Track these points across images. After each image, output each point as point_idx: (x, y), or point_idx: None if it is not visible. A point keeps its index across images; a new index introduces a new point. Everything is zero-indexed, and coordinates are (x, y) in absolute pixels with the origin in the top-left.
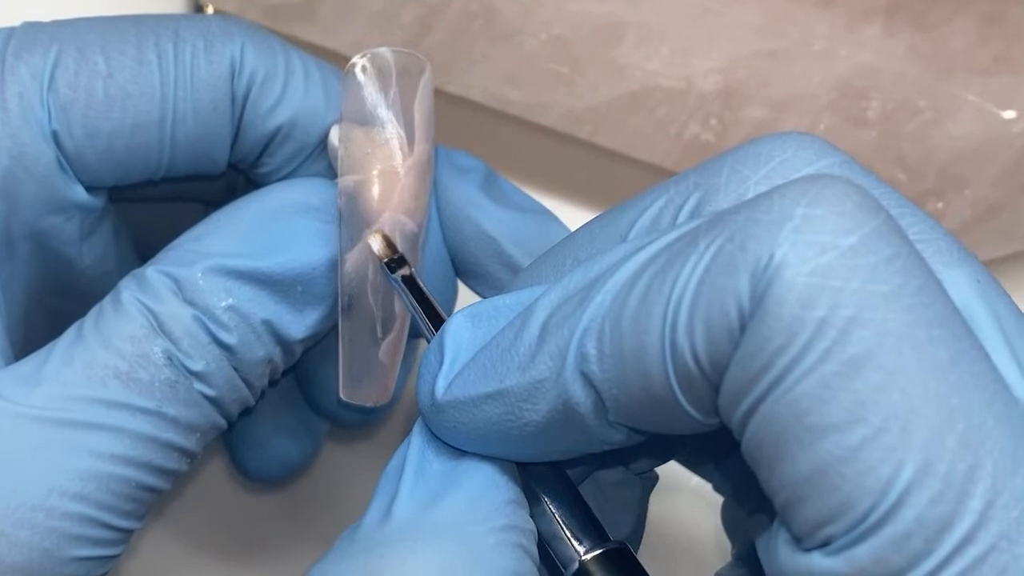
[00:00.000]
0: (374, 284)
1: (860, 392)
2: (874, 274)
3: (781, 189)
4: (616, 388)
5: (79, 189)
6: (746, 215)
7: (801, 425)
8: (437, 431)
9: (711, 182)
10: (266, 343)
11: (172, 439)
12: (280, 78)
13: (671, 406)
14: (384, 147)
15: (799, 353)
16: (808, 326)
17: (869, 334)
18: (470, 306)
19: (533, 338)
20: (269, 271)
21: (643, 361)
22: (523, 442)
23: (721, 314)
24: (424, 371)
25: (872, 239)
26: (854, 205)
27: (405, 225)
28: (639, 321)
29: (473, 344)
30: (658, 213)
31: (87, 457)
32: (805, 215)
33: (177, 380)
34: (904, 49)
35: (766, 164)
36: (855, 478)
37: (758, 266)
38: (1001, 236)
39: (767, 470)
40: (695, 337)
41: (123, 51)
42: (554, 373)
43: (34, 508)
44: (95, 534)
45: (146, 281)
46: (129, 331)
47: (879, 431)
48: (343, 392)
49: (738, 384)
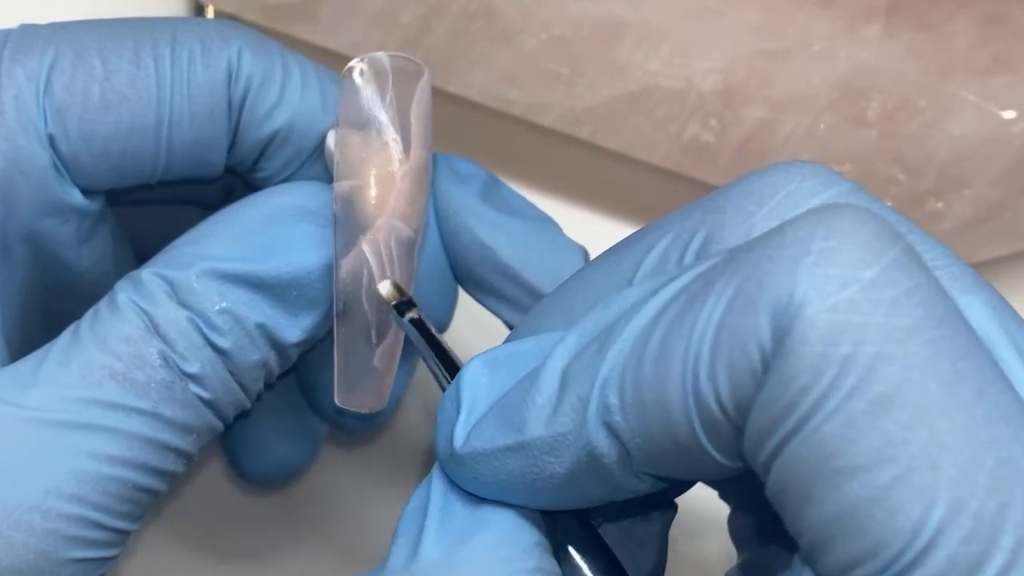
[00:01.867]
0: (368, 290)
1: (888, 430)
2: (896, 307)
3: (795, 223)
4: (640, 437)
5: (75, 192)
6: (760, 252)
7: (829, 466)
8: (458, 480)
9: (716, 218)
10: (260, 347)
11: (168, 440)
12: (277, 82)
13: (697, 452)
14: (380, 152)
15: (825, 392)
16: (833, 364)
17: (895, 370)
18: (486, 352)
19: (553, 389)
20: (264, 275)
21: (666, 409)
22: (546, 492)
23: (743, 356)
24: (441, 420)
25: (892, 270)
26: (871, 235)
27: (401, 231)
28: (660, 369)
29: (491, 392)
30: (664, 252)
31: (84, 458)
32: (822, 248)
33: (173, 381)
34: (904, 49)
35: (771, 198)
36: (885, 519)
37: (778, 305)
38: (1001, 236)
39: (793, 511)
40: (718, 381)
41: (120, 55)
42: (577, 425)
43: (31, 510)
44: (92, 535)
45: (141, 283)
46: (125, 332)
47: (909, 470)
48: (338, 398)
49: (762, 426)
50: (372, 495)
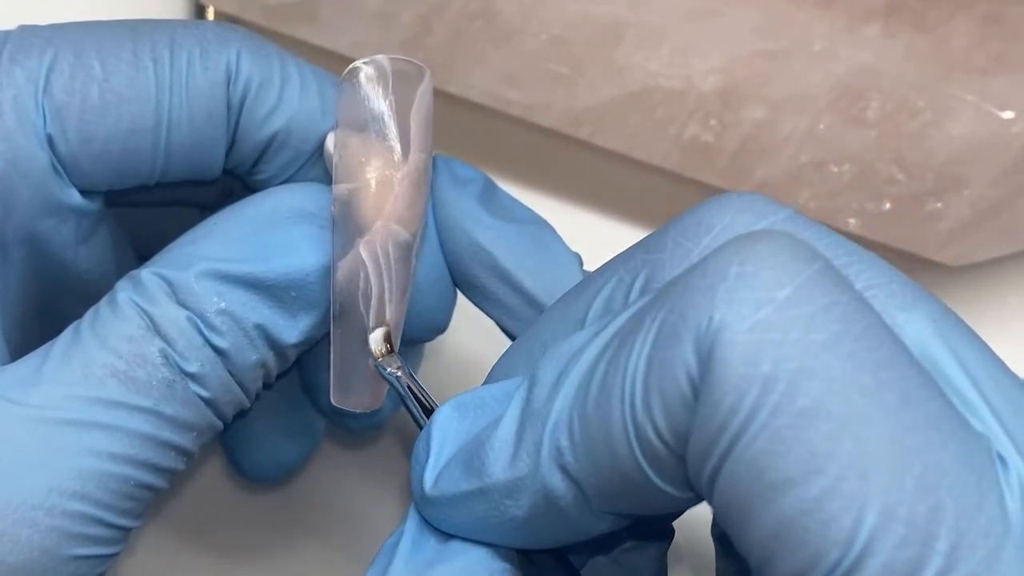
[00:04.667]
0: (365, 293)
1: (814, 443)
2: (812, 323)
3: (715, 252)
4: (592, 476)
5: (74, 193)
6: (684, 284)
7: (761, 482)
8: (430, 519)
9: (656, 258)
10: (259, 347)
11: (169, 438)
12: (276, 85)
13: (646, 485)
14: (379, 155)
15: (751, 410)
16: (756, 383)
17: (816, 384)
18: (457, 397)
19: (511, 434)
20: (263, 276)
21: (611, 445)
22: (511, 534)
23: (673, 384)
24: (414, 463)
25: (807, 288)
26: (786, 256)
27: (398, 234)
28: (601, 406)
29: (459, 436)
30: (610, 295)
31: (86, 456)
32: (738, 273)
33: (174, 380)
34: (903, 49)
35: (707, 233)
36: (819, 530)
37: (699, 331)
38: (1000, 236)
39: (738, 530)
40: (653, 412)
41: (119, 56)
42: (532, 468)
43: (34, 507)
44: (94, 532)
45: (141, 283)
46: (126, 331)
47: (837, 480)
48: (334, 398)
49: (700, 450)
50: (371, 494)
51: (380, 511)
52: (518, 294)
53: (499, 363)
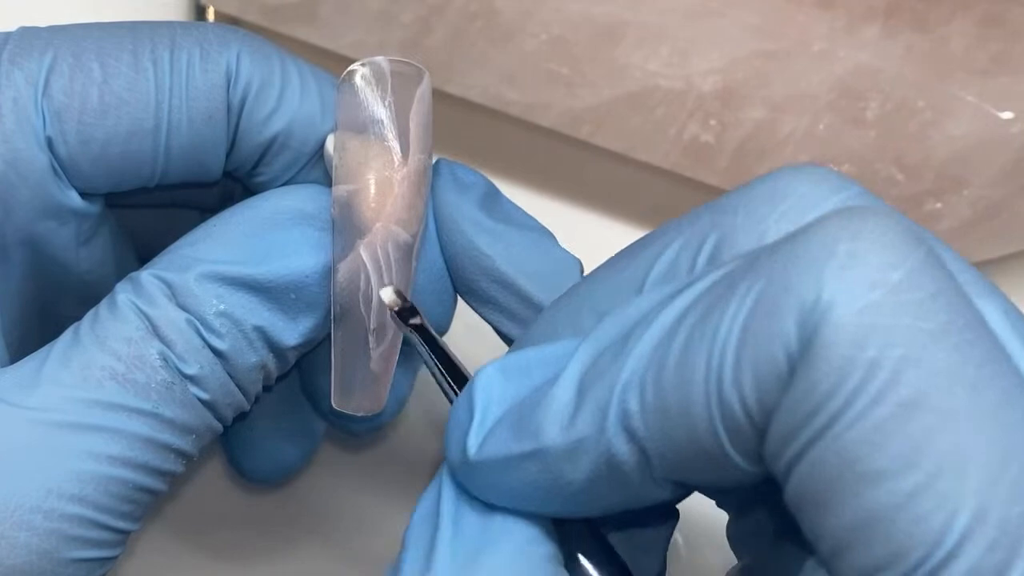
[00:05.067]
0: (366, 294)
1: (914, 436)
2: (922, 311)
3: (819, 225)
4: (662, 443)
5: (73, 195)
6: (785, 254)
7: (852, 471)
8: (470, 487)
9: (727, 221)
10: (258, 349)
11: (169, 440)
12: (276, 87)
13: (718, 457)
14: (378, 157)
15: (851, 396)
16: (859, 368)
17: (922, 374)
18: (499, 360)
19: (570, 395)
20: (262, 278)
21: (689, 413)
22: (562, 500)
23: (769, 360)
24: (453, 426)
25: (917, 273)
26: (896, 237)
27: (398, 236)
28: (682, 373)
29: (503, 399)
30: (675, 257)
31: (85, 459)
32: (849, 251)
33: (173, 382)
34: (903, 50)
35: (783, 201)
36: (907, 527)
37: (804, 307)
38: (1000, 236)
39: (813, 516)
40: (743, 386)
41: (119, 58)
42: (596, 431)
43: (33, 510)
44: (94, 535)
45: (141, 285)
46: (125, 333)
47: (933, 477)
48: (335, 401)
49: (786, 430)
50: (372, 495)
51: (380, 513)
52: (517, 299)
53: (538, 324)
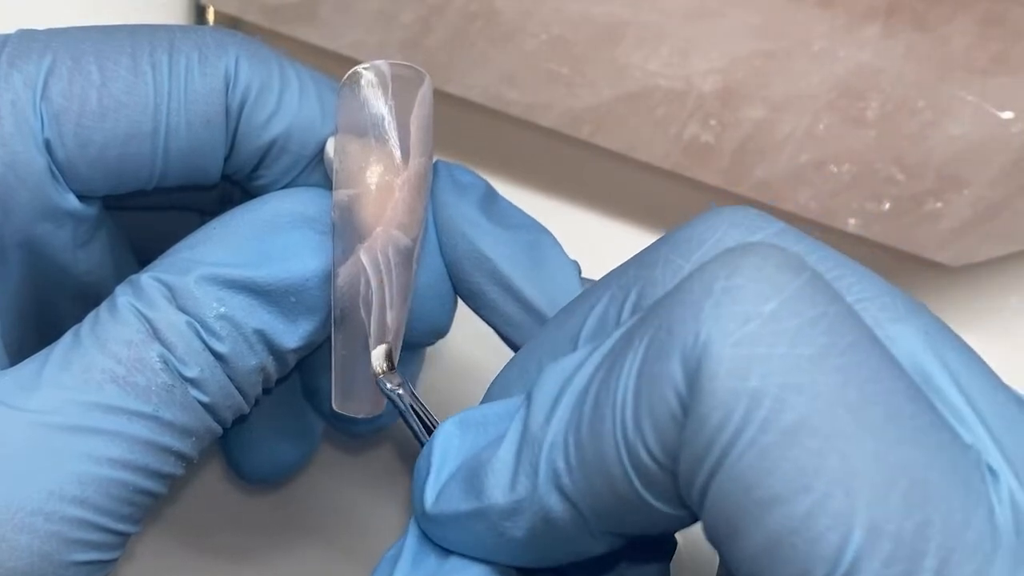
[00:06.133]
0: (366, 298)
1: (801, 460)
2: (799, 337)
3: (702, 267)
4: (588, 497)
5: (71, 197)
6: (671, 300)
7: (749, 499)
8: (430, 535)
9: (648, 274)
10: (258, 352)
11: (169, 443)
12: (275, 90)
13: (640, 504)
14: (379, 161)
15: (739, 426)
16: (743, 398)
17: (803, 399)
18: (460, 414)
19: (510, 456)
20: (262, 281)
21: (605, 465)
22: (510, 553)
23: (662, 401)
24: (415, 477)
25: (793, 301)
26: (773, 269)
27: (399, 240)
28: (594, 427)
29: (460, 453)
30: (603, 312)
31: (85, 461)
32: (724, 287)
33: (173, 385)
34: (903, 49)
35: (698, 249)
36: (806, 548)
37: (685, 348)
38: (1000, 236)
39: (727, 547)
40: (643, 430)
41: (117, 61)
42: (530, 490)
43: (33, 512)
44: (94, 538)
45: (141, 288)
46: (125, 336)
47: (824, 497)
48: (335, 404)
49: (689, 467)
50: (370, 496)
51: (379, 514)
52: (516, 301)
53: (497, 379)
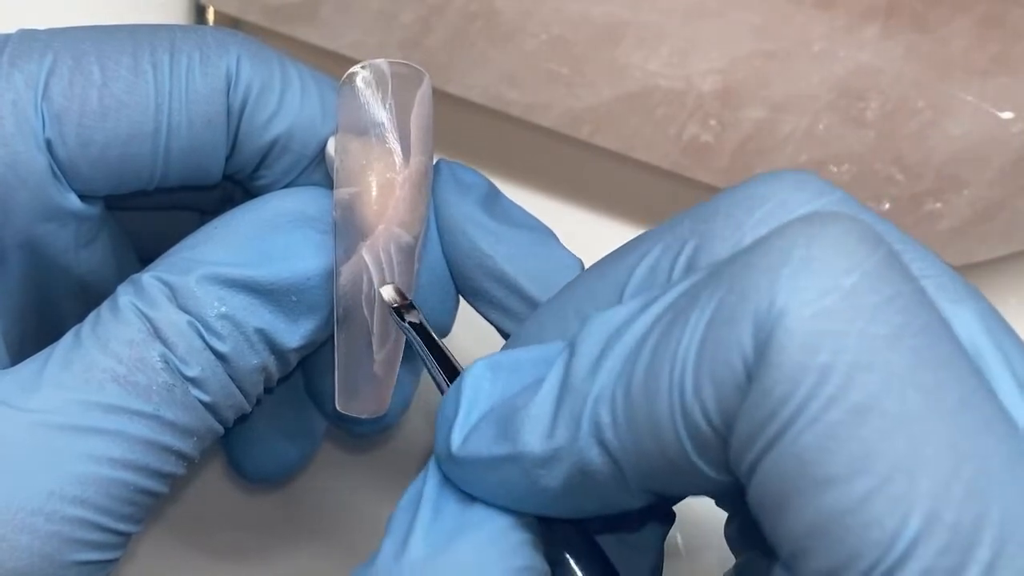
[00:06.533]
0: (368, 297)
1: (866, 441)
2: (876, 315)
3: (778, 232)
4: (632, 454)
5: (72, 197)
6: (744, 263)
7: (806, 476)
8: (454, 480)
9: (706, 228)
10: (260, 351)
11: (170, 443)
12: (276, 90)
13: (687, 467)
14: (380, 159)
15: (803, 401)
16: (812, 373)
17: (874, 379)
18: (491, 356)
19: (549, 404)
20: (263, 280)
21: (656, 425)
22: (540, 502)
23: (727, 368)
24: (441, 420)
25: (872, 278)
26: (854, 242)
27: (401, 237)
28: (648, 386)
29: (491, 396)
30: (655, 263)
31: (86, 461)
32: (803, 256)
33: (174, 384)
34: (903, 50)
35: (761, 207)
36: (860, 531)
37: (759, 315)
38: (1000, 236)
39: (772, 521)
40: (703, 395)
41: (118, 61)
42: (569, 441)
43: (34, 512)
44: (95, 538)
45: (142, 287)
46: (127, 335)
47: (885, 481)
48: (339, 404)
49: (745, 436)
50: (372, 495)
51: (381, 513)
52: (519, 299)
53: (528, 324)
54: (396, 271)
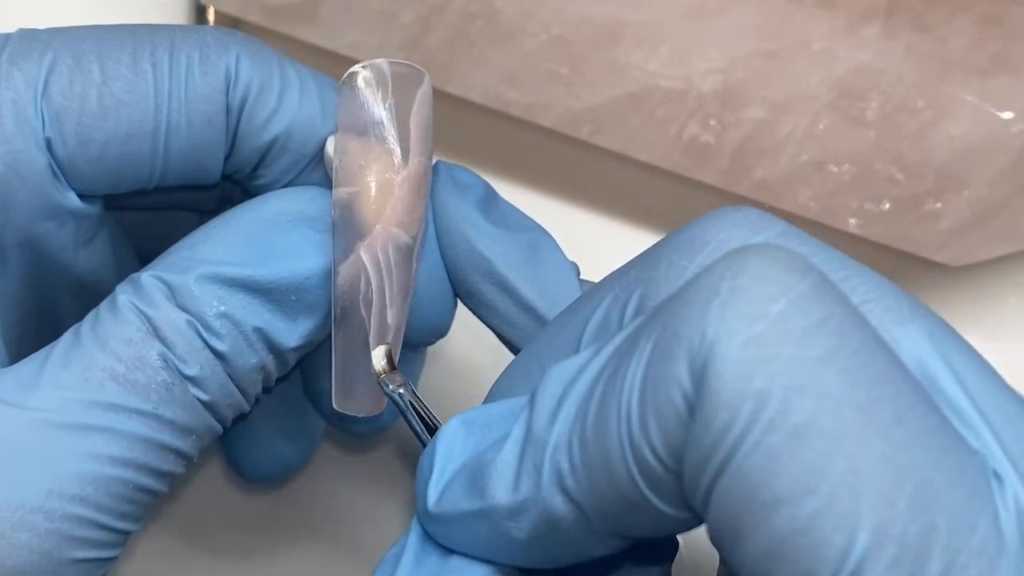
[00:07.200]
0: (366, 297)
1: (807, 461)
2: (806, 338)
3: (708, 268)
4: (592, 498)
5: (72, 196)
6: (677, 301)
7: (754, 500)
8: (433, 535)
9: (651, 276)
10: (258, 351)
11: (169, 441)
12: (275, 89)
13: (644, 506)
14: (379, 159)
15: (745, 427)
16: (749, 398)
17: (809, 400)
18: (464, 413)
19: (513, 457)
20: (262, 279)
21: (609, 466)
22: (513, 554)
23: (668, 403)
24: (419, 476)
25: (801, 302)
26: (780, 270)
27: (399, 238)
28: (599, 428)
29: (464, 452)
30: (606, 313)
31: (85, 459)
32: (731, 288)
33: (173, 383)
34: (903, 50)
35: (701, 250)
36: (811, 550)
37: (692, 348)
38: (1000, 236)
39: (731, 548)
40: (649, 432)
41: (118, 60)
42: (534, 491)
43: (33, 510)
44: (94, 536)
45: (141, 286)
46: (125, 334)
47: (830, 499)
48: (336, 403)
49: (694, 468)
50: (371, 495)
51: (380, 513)
52: (515, 301)
53: (500, 380)
54: (394, 271)
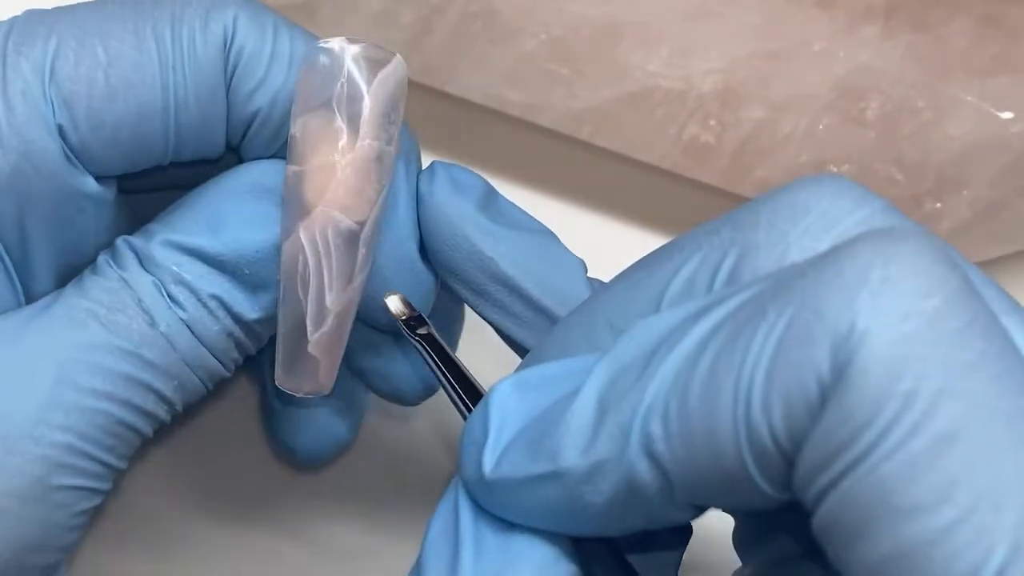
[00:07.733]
0: (304, 277)
1: (950, 470)
2: (958, 340)
3: (851, 249)
4: (686, 467)
5: (89, 180)
6: (816, 279)
7: (886, 505)
8: (486, 506)
9: (747, 237)
10: (220, 318)
11: (150, 381)
12: (264, 61)
13: (744, 483)
14: (325, 140)
15: (885, 428)
16: (895, 399)
17: (959, 407)
18: (515, 374)
19: (589, 416)
20: (212, 250)
21: (715, 439)
22: (581, 521)
23: (799, 388)
24: (468, 442)
25: (953, 302)
26: (931, 263)
27: (340, 222)
28: (708, 398)
29: (520, 415)
30: (693, 273)
31: (69, 390)
32: (882, 277)
33: (151, 329)
34: (903, 50)
35: (804, 217)
36: (943, 562)
37: (837, 336)
38: (999, 236)
39: (843, 547)
40: (772, 413)
41: (122, 39)
42: (615, 453)
43: (23, 437)
44: (81, 464)
45: (115, 248)
46: (105, 285)
47: (969, 512)
48: (277, 380)
49: (817, 460)
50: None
51: (385, 513)
52: (522, 300)
53: (550, 339)
54: (333, 256)
